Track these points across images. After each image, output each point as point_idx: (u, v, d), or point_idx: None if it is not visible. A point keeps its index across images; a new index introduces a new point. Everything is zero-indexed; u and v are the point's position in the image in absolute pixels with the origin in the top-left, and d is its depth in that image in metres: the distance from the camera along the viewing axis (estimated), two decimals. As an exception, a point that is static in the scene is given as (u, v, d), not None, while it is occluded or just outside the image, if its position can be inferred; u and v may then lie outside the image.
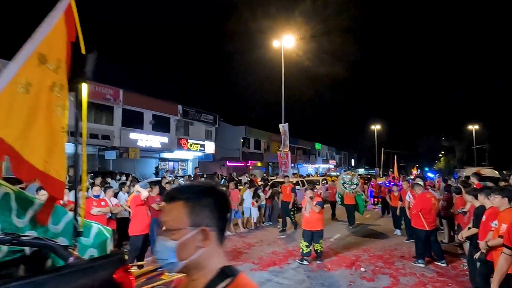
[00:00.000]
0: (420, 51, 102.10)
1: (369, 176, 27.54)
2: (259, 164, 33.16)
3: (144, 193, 6.23)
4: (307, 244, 7.05)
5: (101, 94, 17.07)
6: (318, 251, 7.18)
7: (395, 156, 19.82)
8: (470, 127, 47.76)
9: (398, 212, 9.86)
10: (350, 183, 11.96)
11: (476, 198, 5.14)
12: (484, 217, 4.60)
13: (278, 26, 33.02)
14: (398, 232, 10.14)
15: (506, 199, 4.21)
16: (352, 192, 11.66)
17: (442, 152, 63.52)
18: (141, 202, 6.19)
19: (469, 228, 5.27)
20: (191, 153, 23.78)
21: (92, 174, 11.08)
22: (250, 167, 30.75)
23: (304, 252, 7.05)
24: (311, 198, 7.23)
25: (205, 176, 15.33)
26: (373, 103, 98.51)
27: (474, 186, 7.19)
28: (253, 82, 73.69)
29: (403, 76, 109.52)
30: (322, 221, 7.28)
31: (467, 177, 11.37)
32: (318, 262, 7.07)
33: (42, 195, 5.72)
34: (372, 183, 18.22)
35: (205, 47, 79.01)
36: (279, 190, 11.92)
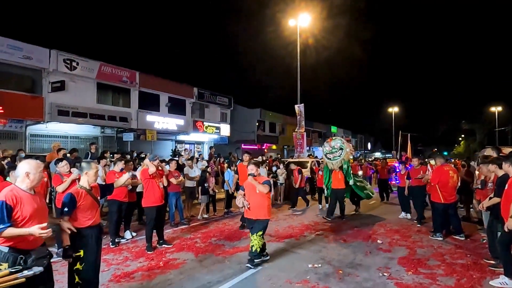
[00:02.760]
0: (440, 29, 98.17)
1: (385, 159, 27.10)
2: (274, 147, 33.14)
3: (152, 168, 6.15)
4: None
5: (118, 76, 17.27)
6: (253, 248, 5.07)
7: (408, 135, 18.23)
8: (493, 108, 46.11)
9: (406, 192, 8.88)
10: (333, 150, 9.13)
11: (500, 167, 5.03)
12: (506, 186, 4.51)
13: (294, 4, 32.24)
14: (403, 214, 9.19)
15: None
16: (340, 163, 8.99)
17: (462, 136, 61.74)
18: (150, 176, 6.19)
19: (490, 198, 5.18)
20: (207, 135, 23.94)
21: (112, 155, 11.40)
22: (265, 150, 30.81)
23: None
24: (253, 175, 5.29)
25: (220, 156, 15.47)
26: (390, 85, 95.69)
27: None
28: (268, 64, 72.88)
29: (422, 56, 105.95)
30: (268, 208, 5.27)
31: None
32: (250, 267, 5.03)
33: (61, 167, 5.95)
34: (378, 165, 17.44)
35: (219, 29, 78.27)
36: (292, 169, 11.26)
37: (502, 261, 4.79)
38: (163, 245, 6.25)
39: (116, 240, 6.41)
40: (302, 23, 19.68)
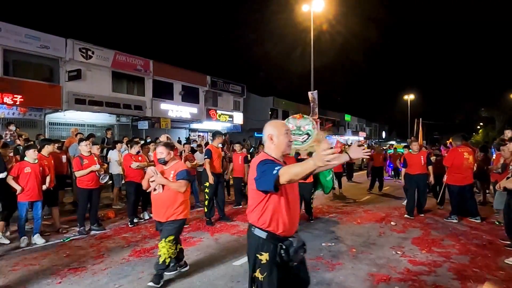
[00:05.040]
0: (458, 13, 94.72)
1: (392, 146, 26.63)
2: (287, 135, 33.11)
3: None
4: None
5: (132, 64, 17.48)
6: (160, 259, 3.67)
7: (420, 119, 16.78)
8: (514, 95, 44.57)
9: (402, 181, 8.00)
10: (298, 131, 7.28)
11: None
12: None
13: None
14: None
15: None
16: (306, 147, 7.25)
17: (481, 124, 60.07)
18: None
19: (507, 178, 5.11)
20: (220, 124, 24.09)
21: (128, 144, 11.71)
22: (278, 138, 30.77)
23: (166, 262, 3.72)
24: (164, 162, 3.87)
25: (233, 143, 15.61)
26: (406, 72, 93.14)
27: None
28: (281, 51, 71.93)
29: (439, 42, 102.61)
30: (184, 204, 3.84)
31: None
32: (154, 286, 3.66)
33: (83, 146, 6.15)
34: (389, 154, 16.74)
35: (232, 16, 77.66)
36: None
37: (518, 240, 4.76)
38: (180, 225, 6.39)
39: (135, 221, 6.62)
40: (316, 8, 19.36)
